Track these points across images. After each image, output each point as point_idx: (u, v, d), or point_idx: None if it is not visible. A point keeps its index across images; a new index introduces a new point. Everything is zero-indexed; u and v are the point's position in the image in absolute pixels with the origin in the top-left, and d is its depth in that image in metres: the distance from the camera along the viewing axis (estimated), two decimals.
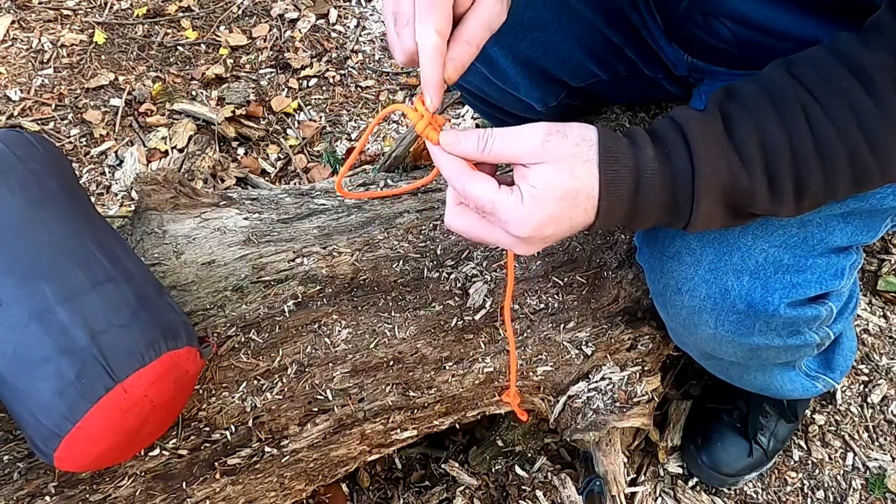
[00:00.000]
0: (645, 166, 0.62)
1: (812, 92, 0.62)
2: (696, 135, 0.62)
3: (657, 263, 0.84)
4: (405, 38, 0.62)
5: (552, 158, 0.61)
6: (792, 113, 0.61)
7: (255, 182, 1.66)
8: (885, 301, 1.44)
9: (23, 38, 1.89)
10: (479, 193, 0.62)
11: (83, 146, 1.72)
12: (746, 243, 0.78)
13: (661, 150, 0.63)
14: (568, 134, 0.62)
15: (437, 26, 0.60)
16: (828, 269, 0.79)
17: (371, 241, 1.02)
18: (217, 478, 0.86)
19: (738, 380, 0.98)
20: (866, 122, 0.61)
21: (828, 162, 0.62)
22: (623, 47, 0.97)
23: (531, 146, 0.61)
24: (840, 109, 0.61)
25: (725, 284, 0.78)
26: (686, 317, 0.83)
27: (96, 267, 0.77)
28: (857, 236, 0.81)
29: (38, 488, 0.80)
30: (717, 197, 0.63)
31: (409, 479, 1.22)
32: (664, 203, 0.64)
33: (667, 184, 0.63)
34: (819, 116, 0.61)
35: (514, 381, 0.91)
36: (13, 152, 0.81)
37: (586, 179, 0.61)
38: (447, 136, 0.64)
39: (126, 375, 0.72)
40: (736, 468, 1.19)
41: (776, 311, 0.77)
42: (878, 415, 1.31)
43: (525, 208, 0.61)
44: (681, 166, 0.62)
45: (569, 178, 0.61)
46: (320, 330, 0.94)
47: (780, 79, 0.63)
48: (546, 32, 0.95)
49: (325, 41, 2.00)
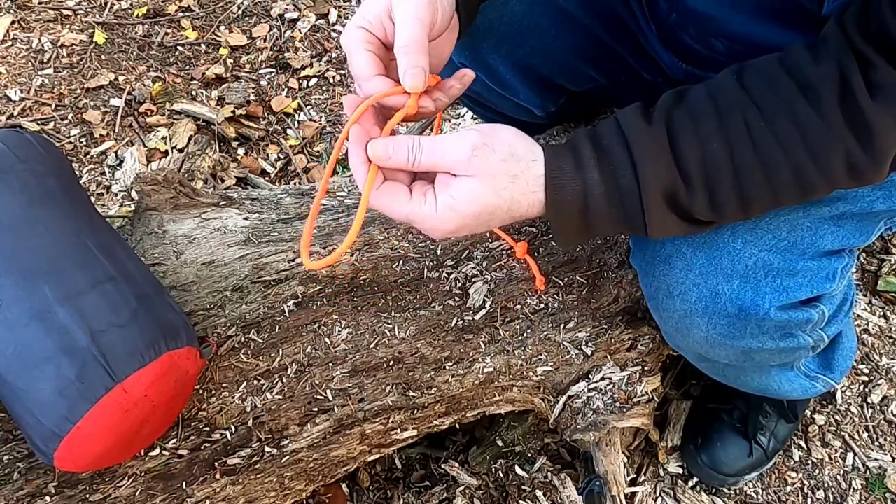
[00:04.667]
0: (591, 189, 0.65)
1: (758, 104, 0.64)
2: (641, 152, 0.64)
3: (649, 267, 0.85)
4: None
5: (477, 173, 0.63)
6: (735, 126, 0.63)
7: (255, 182, 1.66)
8: (885, 301, 1.44)
9: (23, 38, 1.89)
10: (392, 209, 0.65)
11: (83, 146, 1.72)
12: (737, 247, 0.78)
13: (607, 167, 0.65)
14: (496, 149, 0.64)
15: (365, 75, 0.65)
16: (819, 272, 0.79)
17: (371, 241, 1.02)
18: (217, 478, 0.86)
19: (735, 381, 0.98)
20: (810, 136, 0.62)
21: (772, 175, 0.64)
22: (621, 53, 0.97)
23: (458, 160, 0.63)
24: (784, 123, 0.63)
25: (716, 288, 0.78)
26: (678, 320, 0.83)
27: (96, 267, 0.77)
28: (848, 239, 0.81)
29: (38, 488, 0.80)
30: (666, 208, 0.66)
31: (409, 479, 1.22)
32: (615, 218, 0.66)
33: (614, 202, 0.65)
34: (762, 130, 0.63)
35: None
36: (13, 152, 0.81)
37: (508, 197, 0.64)
38: (377, 147, 0.64)
39: (126, 375, 0.72)
40: (736, 468, 1.19)
41: (767, 315, 0.77)
42: (878, 415, 1.31)
43: (440, 216, 0.64)
44: (627, 185, 0.65)
45: (490, 195, 0.63)
46: (320, 330, 0.94)
47: (729, 88, 0.65)
48: (544, 39, 0.95)
49: (325, 41, 2.00)
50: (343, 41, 0.67)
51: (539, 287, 0.99)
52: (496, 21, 0.93)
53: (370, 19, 0.66)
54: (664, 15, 0.87)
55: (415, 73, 0.63)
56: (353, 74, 0.67)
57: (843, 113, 0.61)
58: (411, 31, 0.63)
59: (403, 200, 0.64)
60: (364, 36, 0.66)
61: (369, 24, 0.66)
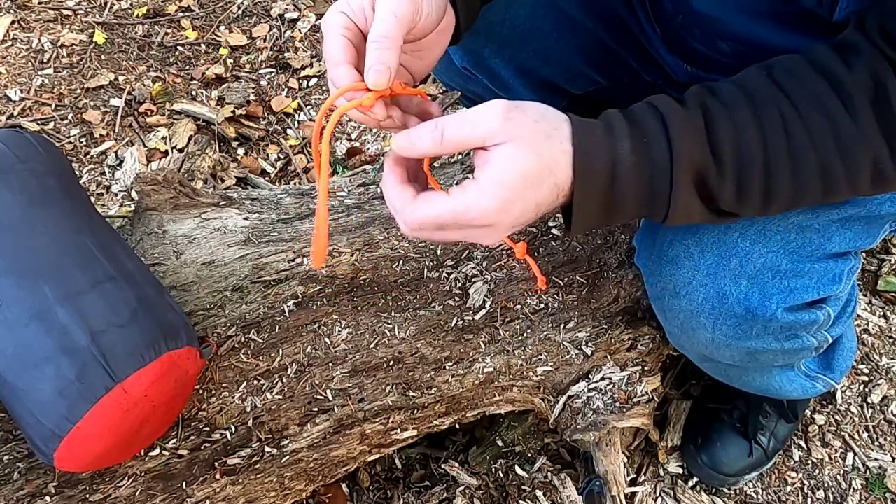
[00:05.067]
0: (621, 158, 0.61)
1: (791, 99, 0.62)
2: (677, 129, 0.61)
3: (655, 267, 0.84)
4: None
5: (515, 136, 0.59)
6: (770, 117, 0.62)
7: (255, 182, 1.66)
8: (885, 301, 1.44)
9: (23, 38, 1.89)
10: (434, 214, 0.59)
11: (83, 146, 1.72)
12: (745, 248, 0.78)
13: (640, 139, 0.62)
14: (526, 110, 0.61)
15: (334, 60, 0.62)
16: (826, 274, 0.79)
17: (371, 241, 1.02)
18: (217, 478, 0.86)
19: (737, 381, 0.98)
20: (842, 136, 0.61)
21: (800, 171, 0.62)
22: (623, 55, 0.97)
23: (492, 127, 0.59)
24: (818, 119, 0.61)
25: (723, 289, 0.78)
26: (683, 321, 0.83)
27: (96, 267, 0.77)
28: (855, 242, 0.81)
29: (38, 488, 0.80)
30: (693, 190, 0.63)
31: (409, 479, 1.22)
32: (641, 194, 0.63)
33: (644, 176, 0.62)
34: (796, 123, 0.61)
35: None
36: (13, 152, 0.81)
37: (549, 157, 0.60)
38: (400, 139, 0.61)
39: (126, 375, 0.72)
40: (736, 468, 1.19)
41: (773, 316, 0.77)
42: (878, 415, 1.31)
43: (487, 195, 0.59)
44: (659, 158, 0.61)
45: (532, 157, 0.59)
46: (320, 330, 0.94)
47: (760, 82, 0.63)
48: (546, 42, 0.95)
49: None
50: (322, 22, 0.66)
51: (541, 287, 0.99)
52: (498, 25, 0.93)
53: (353, 6, 0.64)
54: (669, 17, 0.86)
55: (379, 71, 0.61)
56: (325, 58, 0.65)
57: (875, 115, 0.60)
58: (386, 26, 0.61)
59: (441, 200, 0.60)
60: (343, 21, 0.64)
61: (351, 11, 0.65)
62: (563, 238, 1.05)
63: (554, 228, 1.06)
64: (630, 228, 1.06)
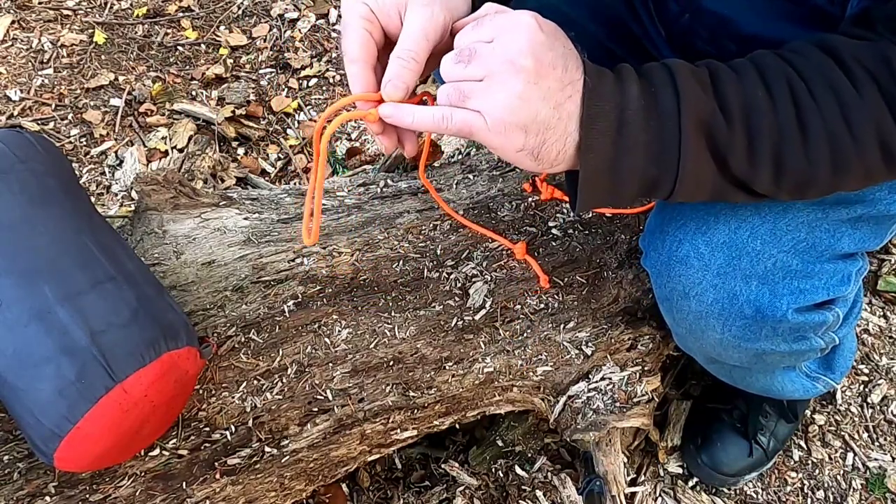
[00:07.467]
0: (629, 103, 0.61)
1: (798, 70, 0.62)
2: (685, 79, 0.61)
3: (664, 268, 0.84)
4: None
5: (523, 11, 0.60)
6: (778, 85, 0.62)
7: (255, 182, 1.66)
8: (885, 301, 1.44)
9: (23, 38, 1.89)
10: (466, 39, 0.60)
11: (83, 146, 1.72)
12: (756, 248, 0.77)
13: (647, 86, 0.62)
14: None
15: (351, 56, 0.63)
16: (835, 274, 0.79)
17: (371, 241, 1.02)
18: (217, 478, 0.86)
19: (741, 382, 0.98)
20: (847, 106, 0.61)
21: (809, 138, 0.62)
22: (627, 60, 0.97)
23: (485, 8, 0.62)
24: (824, 89, 0.61)
25: (734, 290, 0.77)
26: (692, 322, 0.82)
27: (96, 267, 0.77)
28: (864, 242, 0.81)
29: (38, 488, 0.80)
30: (703, 143, 0.62)
31: (409, 479, 1.22)
32: (649, 143, 0.61)
33: (651, 122, 0.61)
34: (803, 93, 0.62)
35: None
36: (13, 152, 0.81)
37: (561, 49, 0.61)
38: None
39: (126, 375, 0.72)
40: (736, 468, 1.19)
41: (784, 317, 0.76)
42: (878, 415, 1.31)
43: (510, 13, 0.60)
44: (667, 105, 0.61)
45: (538, 32, 0.60)
46: (320, 330, 0.94)
47: (768, 57, 0.64)
48: None
49: (325, 41, 2.00)
50: (343, 10, 0.65)
51: (544, 286, 0.99)
52: None
53: (380, 1, 0.64)
54: (675, 17, 0.86)
55: (397, 87, 0.61)
56: (343, 49, 0.64)
57: (879, 89, 0.61)
58: (417, 47, 0.61)
59: (468, 28, 0.61)
60: (366, 13, 0.63)
61: (376, 4, 0.64)
62: (562, 238, 1.05)
63: (554, 228, 1.06)
64: (630, 229, 1.06)
